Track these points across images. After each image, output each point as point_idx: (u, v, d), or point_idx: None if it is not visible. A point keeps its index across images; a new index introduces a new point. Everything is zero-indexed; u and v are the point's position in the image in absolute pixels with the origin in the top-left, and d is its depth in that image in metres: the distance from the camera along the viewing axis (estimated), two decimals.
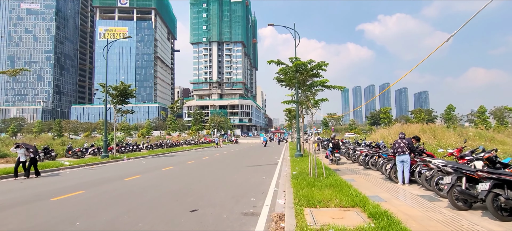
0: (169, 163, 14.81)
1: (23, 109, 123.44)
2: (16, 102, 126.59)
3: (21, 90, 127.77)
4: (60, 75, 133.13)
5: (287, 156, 18.46)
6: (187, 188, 7.61)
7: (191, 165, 13.76)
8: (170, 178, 9.72)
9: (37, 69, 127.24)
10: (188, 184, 8.30)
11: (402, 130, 17.72)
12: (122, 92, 18.43)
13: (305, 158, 14.20)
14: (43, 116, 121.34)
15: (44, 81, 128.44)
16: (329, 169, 9.43)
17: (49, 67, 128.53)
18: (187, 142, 38.89)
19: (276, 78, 16.64)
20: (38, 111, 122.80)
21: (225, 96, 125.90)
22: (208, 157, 19.02)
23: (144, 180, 9.13)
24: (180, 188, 7.63)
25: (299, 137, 15.26)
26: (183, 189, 7.56)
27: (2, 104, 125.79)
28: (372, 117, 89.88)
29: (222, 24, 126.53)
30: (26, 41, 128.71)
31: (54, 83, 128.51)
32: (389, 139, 16.62)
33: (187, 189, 7.48)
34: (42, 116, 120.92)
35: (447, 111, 62.72)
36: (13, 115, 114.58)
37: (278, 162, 14.42)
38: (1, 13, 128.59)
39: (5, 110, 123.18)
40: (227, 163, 14.56)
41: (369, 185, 7.37)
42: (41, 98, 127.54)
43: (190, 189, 7.54)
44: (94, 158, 16.77)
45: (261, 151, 24.62)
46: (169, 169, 12.31)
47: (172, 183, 8.64)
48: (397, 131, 17.57)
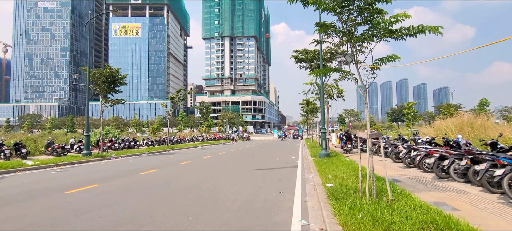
0: (157, 164, 11.67)
1: (41, 106, 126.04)
2: (34, 99, 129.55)
3: (39, 87, 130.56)
4: (75, 72, 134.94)
5: (307, 155, 14.90)
6: (145, 217, 4.31)
7: (183, 168, 10.52)
8: (139, 191, 6.47)
9: (54, 66, 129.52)
10: (154, 206, 4.99)
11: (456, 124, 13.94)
12: (109, 78, 15.48)
13: (333, 159, 10.62)
14: (59, 112, 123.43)
15: (60, 78, 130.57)
16: (394, 184, 5.82)
17: (65, 64, 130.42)
18: (195, 139, 36.06)
19: (295, 56, 13.09)
20: (55, 108, 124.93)
21: (238, 92, 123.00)
22: (210, 156, 15.78)
23: (94, 195, 5.92)
24: (134, 215, 4.34)
25: (324, 132, 11.66)
26: (139, 217, 4.27)
27: (22, 100, 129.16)
28: (393, 113, 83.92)
29: (235, 18, 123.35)
30: (43, 39, 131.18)
31: (70, 80, 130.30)
32: (450, 135, 12.72)
33: (143, 220, 4.18)
34: (58, 113, 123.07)
35: (479, 105, 56.51)
36: (31, 112, 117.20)
37: (298, 164, 10.94)
38: (20, 12, 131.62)
39: (24, 106, 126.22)
40: (231, 165, 11.22)
41: (495, 220, 3.76)
42: (57, 95, 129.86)
43: (149, 219, 4.23)
44: (74, 157, 13.94)
45: (275, 149, 21.16)
46: (151, 173, 9.11)
47: (129, 204, 5.35)
48: (464, 123, 13.74)
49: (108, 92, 15.93)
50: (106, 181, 7.44)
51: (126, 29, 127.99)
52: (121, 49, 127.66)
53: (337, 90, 19.02)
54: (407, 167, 8.79)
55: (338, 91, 19.17)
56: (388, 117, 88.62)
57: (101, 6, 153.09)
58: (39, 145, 16.38)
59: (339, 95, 19.28)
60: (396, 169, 8.72)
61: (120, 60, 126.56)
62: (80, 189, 6.41)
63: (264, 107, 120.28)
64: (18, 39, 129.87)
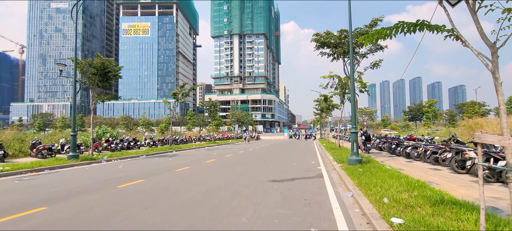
0: (148, 171, 9.60)
1: (54, 105, 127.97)
2: (48, 98, 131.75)
3: (52, 86, 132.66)
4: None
5: (328, 158, 12.52)
6: None
7: (177, 177, 8.39)
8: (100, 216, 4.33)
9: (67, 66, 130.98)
10: None
11: None
12: (100, 71, 13.58)
13: (369, 167, 8.22)
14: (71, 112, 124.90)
15: (72, 77, 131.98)
16: (498, 217, 3.44)
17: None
18: (202, 138, 34.13)
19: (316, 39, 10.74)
20: (67, 107, 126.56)
21: (247, 90, 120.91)
22: (215, 159, 13.62)
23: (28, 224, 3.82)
24: None
25: (355, 132, 9.27)
26: None
27: (35, 100, 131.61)
28: (410, 112, 79.65)
29: (244, 15, 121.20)
30: (56, 39, 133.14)
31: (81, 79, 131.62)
32: None
33: None
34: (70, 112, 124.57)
35: (508, 103, 52.17)
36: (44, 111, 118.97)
37: (322, 173, 8.62)
38: (34, 13, 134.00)
39: (37, 106, 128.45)
40: (238, 173, 9.01)
41: None
42: (69, 95, 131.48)
43: None
44: (58, 160, 12.10)
45: (289, 150, 18.84)
46: (132, 186, 7.00)
47: None
48: None
49: (100, 86, 14.05)
50: (57, 202, 5.35)
51: (136, 28, 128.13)
52: (131, 49, 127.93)
53: (361, 84, 16.53)
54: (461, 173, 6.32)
55: (362, 85, 16.67)
56: (404, 116, 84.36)
57: (111, 6, 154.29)
58: (25, 146, 14.67)
59: (363, 90, 16.78)
60: (470, 185, 6.26)
61: (130, 59, 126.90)
62: (24, 214, 4.33)
63: (274, 106, 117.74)
64: (32, 39, 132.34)
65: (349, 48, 10.83)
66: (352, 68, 9.35)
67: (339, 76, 16.64)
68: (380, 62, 11.37)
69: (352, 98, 9.37)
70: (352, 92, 9.36)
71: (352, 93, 9.35)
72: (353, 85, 9.31)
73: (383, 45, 10.68)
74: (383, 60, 12.09)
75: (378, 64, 11.49)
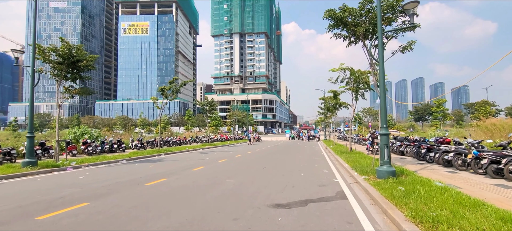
0: (108, 186, 7.26)
1: (52, 106, 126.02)
2: (46, 98, 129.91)
3: (50, 86, 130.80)
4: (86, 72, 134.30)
5: (345, 167, 10.14)
6: None
7: (143, 198, 6.05)
8: None
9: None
10: None
11: None
12: (66, 59, 11.29)
13: (415, 183, 5.84)
14: (70, 112, 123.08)
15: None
16: None
17: None
18: (198, 139, 31.81)
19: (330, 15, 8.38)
20: (65, 107, 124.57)
21: (248, 90, 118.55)
22: (204, 166, 11.27)
23: None
24: None
25: (386, 133, 6.89)
26: None
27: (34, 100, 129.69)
28: (417, 112, 76.98)
29: (244, 14, 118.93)
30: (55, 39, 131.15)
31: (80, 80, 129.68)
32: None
33: None
34: (68, 112, 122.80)
35: None
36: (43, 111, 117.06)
37: (344, 190, 6.26)
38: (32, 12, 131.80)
39: (36, 106, 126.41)
40: (228, 192, 6.64)
41: None
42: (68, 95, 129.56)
43: None
44: (10, 168, 9.79)
45: (293, 154, 16.48)
46: (64, 214, 4.66)
47: None
48: None
49: (68, 79, 11.78)
50: None
51: (135, 27, 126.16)
52: (130, 48, 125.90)
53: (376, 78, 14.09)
54: None
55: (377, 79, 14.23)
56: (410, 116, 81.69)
57: (111, 5, 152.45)
58: None
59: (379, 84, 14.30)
60: None
61: (129, 59, 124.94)
62: None
63: (275, 106, 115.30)
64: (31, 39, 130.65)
65: (372, 25, 8.47)
66: (381, 47, 7.00)
67: (352, 68, 14.28)
68: (413, 44, 8.97)
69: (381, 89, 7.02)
70: (381, 82, 7.01)
71: (382, 82, 6.99)
72: (382, 69, 6.96)
73: (416, 23, 8.33)
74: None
75: (410, 47, 9.07)
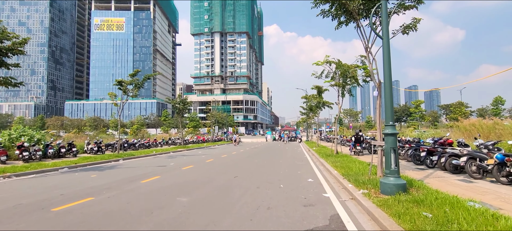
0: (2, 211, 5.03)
1: (15, 105, 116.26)
2: (9, 97, 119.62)
3: None
4: (55, 69, 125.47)
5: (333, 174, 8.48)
6: None
7: (48, 227, 3.90)
8: None
9: (31, 63, 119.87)
10: None
11: None
12: None
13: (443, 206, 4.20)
14: (35, 112, 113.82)
15: (38, 75, 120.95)
16: None
17: (43, 61, 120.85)
18: (171, 142, 29.26)
19: None
20: (31, 107, 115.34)
21: (229, 91, 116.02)
22: (161, 175, 9.19)
23: None
24: None
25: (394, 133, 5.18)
26: None
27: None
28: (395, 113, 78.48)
29: (225, 13, 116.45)
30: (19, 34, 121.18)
31: (48, 78, 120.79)
32: None
33: None
34: (34, 113, 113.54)
35: (494, 104, 51.41)
36: (4, 112, 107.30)
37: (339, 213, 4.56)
38: None
39: None
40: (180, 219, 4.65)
41: None
42: (34, 94, 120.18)
43: None
44: None
45: (273, 158, 14.73)
46: None
47: None
48: None
49: None
50: None
51: (109, 23, 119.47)
52: (104, 45, 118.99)
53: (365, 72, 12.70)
54: None
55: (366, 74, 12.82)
56: None
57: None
58: None
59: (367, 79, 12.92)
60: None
61: (103, 56, 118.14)
62: None
63: (257, 107, 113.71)
64: None
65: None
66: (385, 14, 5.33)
67: (339, 61, 12.74)
68: (418, 22, 7.23)
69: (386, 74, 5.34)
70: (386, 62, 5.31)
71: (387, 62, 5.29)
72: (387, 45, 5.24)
73: None
74: None
75: (414, 26, 7.35)
